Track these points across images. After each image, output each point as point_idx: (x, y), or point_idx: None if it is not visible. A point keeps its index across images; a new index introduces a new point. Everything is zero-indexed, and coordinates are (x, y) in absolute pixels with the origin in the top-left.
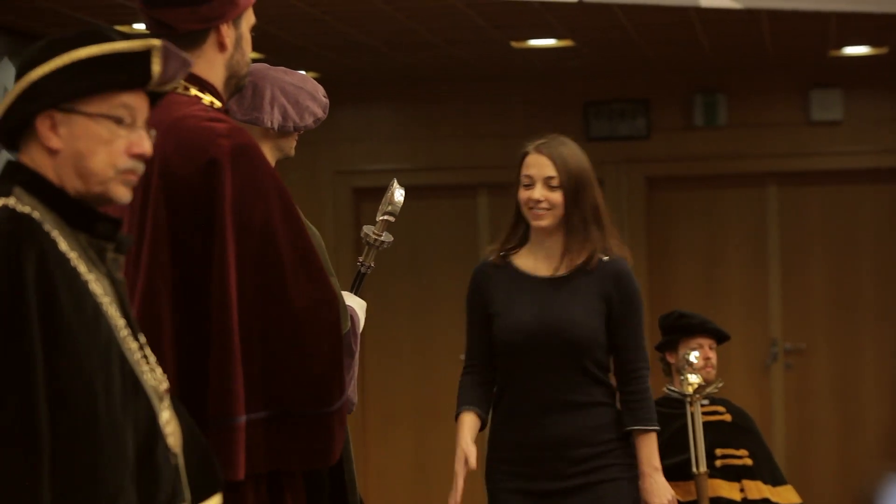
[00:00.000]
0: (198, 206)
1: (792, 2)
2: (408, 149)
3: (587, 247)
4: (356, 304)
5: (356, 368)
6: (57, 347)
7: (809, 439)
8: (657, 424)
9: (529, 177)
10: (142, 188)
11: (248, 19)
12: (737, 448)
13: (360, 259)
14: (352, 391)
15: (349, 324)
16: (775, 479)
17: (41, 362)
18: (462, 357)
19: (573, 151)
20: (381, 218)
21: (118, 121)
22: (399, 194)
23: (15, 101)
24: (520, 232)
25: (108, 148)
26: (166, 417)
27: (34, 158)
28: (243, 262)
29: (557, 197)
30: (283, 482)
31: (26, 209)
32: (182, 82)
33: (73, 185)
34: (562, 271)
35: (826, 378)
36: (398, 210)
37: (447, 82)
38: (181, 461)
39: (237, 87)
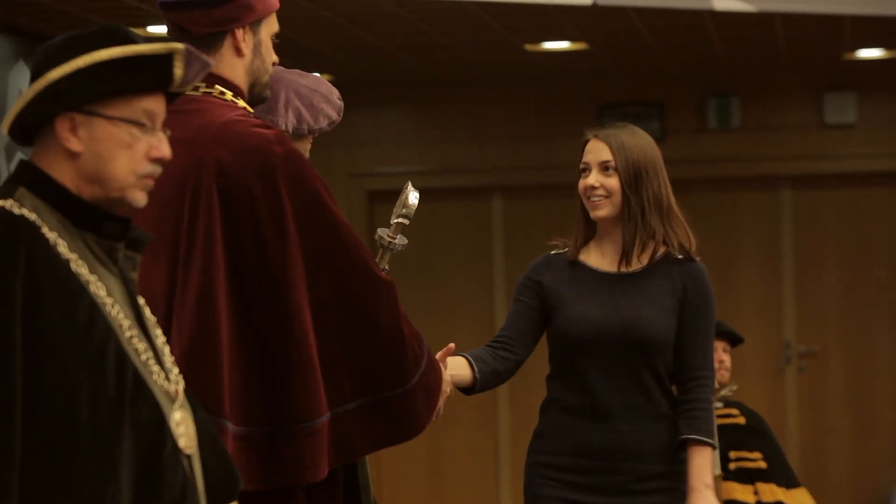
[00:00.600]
0: (256, 212)
1: (806, 4)
2: (421, 151)
3: (650, 238)
4: None
5: None
6: (37, 354)
7: (823, 442)
8: (715, 441)
9: (586, 163)
10: (190, 191)
11: (270, 26)
12: (750, 451)
13: (375, 261)
14: None
15: None
16: (789, 482)
17: (20, 369)
18: None
19: (636, 139)
20: (395, 220)
21: (139, 125)
22: (413, 197)
23: (33, 100)
24: (586, 227)
25: (128, 152)
26: (178, 418)
27: (51, 159)
28: (311, 265)
29: (614, 183)
30: (323, 485)
31: (23, 211)
32: (217, 87)
33: (89, 189)
34: (630, 267)
35: (840, 381)
36: (413, 213)
37: (461, 85)
38: (196, 462)
39: (260, 96)
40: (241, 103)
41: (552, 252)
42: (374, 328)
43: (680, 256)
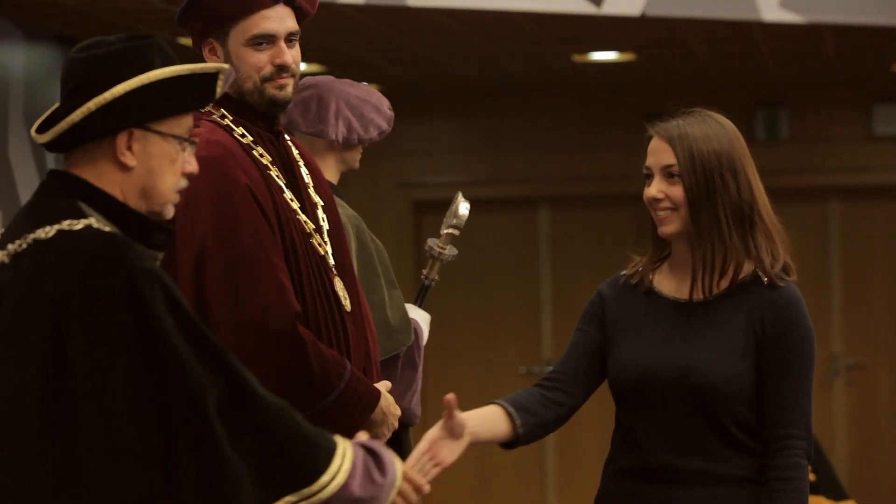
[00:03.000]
0: None
1: (855, 16)
2: (468, 162)
3: (731, 258)
4: (420, 318)
5: (420, 381)
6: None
7: (871, 454)
8: None
9: (648, 168)
10: None
11: (240, 35)
12: None
13: (425, 272)
14: (415, 404)
15: (412, 337)
16: (837, 494)
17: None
18: (522, 370)
19: (707, 131)
20: (445, 231)
21: (191, 142)
22: (464, 207)
23: (95, 115)
24: (658, 244)
25: (172, 168)
26: None
27: (99, 172)
28: (182, 276)
29: (680, 192)
30: None
31: (107, 228)
32: None
33: (134, 203)
34: (700, 294)
35: (888, 393)
36: (463, 223)
37: (508, 95)
38: None
39: (266, 100)
40: (219, 113)
41: (624, 272)
42: (249, 352)
43: (766, 280)
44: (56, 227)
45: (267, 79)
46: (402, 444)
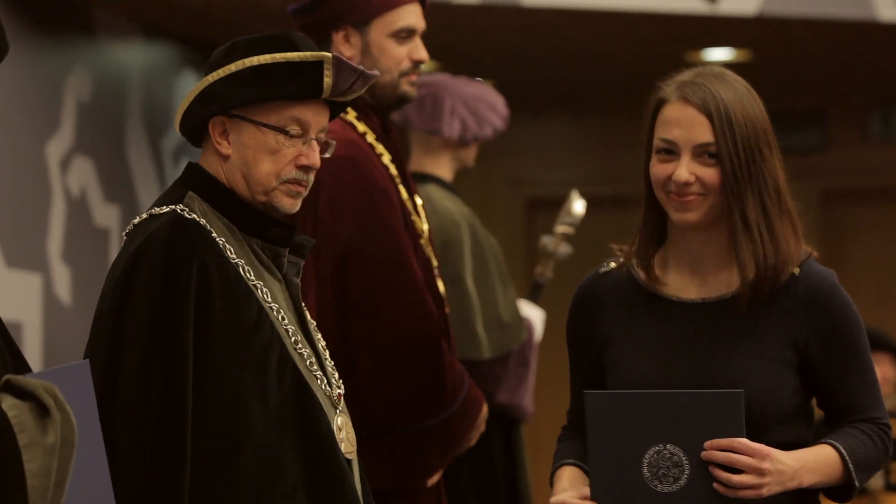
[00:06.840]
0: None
1: None
2: (581, 160)
3: (770, 255)
4: (534, 315)
5: (532, 379)
6: (206, 359)
7: None
8: (856, 479)
9: (670, 142)
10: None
11: (384, 26)
12: None
13: (539, 269)
14: (527, 401)
15: (525, 334)
16: None
17: (191, 371)
18: None
19: (738, 94)
20: (560, 230)
21: (285, 133)
22: (579, 206)
23: (192, 104)
24: (655, 228)
25: (273, 158)
26: (339, 423)
27: (209, 162)
28: (323, 277)
29: (713, 176)
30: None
31: (193, 215)
32: None
33: (242, 191)
34: (720, 292)
35: None
36: (578, 222)
37: (621, 93)
38: (356, 467)
39: (393, 98)
40: (352, 114)
41: (602, 269)
42: (385, 359)
43: (797, 270)
44: (149, 212)
45: (404, 73)
46: (513, 440)
